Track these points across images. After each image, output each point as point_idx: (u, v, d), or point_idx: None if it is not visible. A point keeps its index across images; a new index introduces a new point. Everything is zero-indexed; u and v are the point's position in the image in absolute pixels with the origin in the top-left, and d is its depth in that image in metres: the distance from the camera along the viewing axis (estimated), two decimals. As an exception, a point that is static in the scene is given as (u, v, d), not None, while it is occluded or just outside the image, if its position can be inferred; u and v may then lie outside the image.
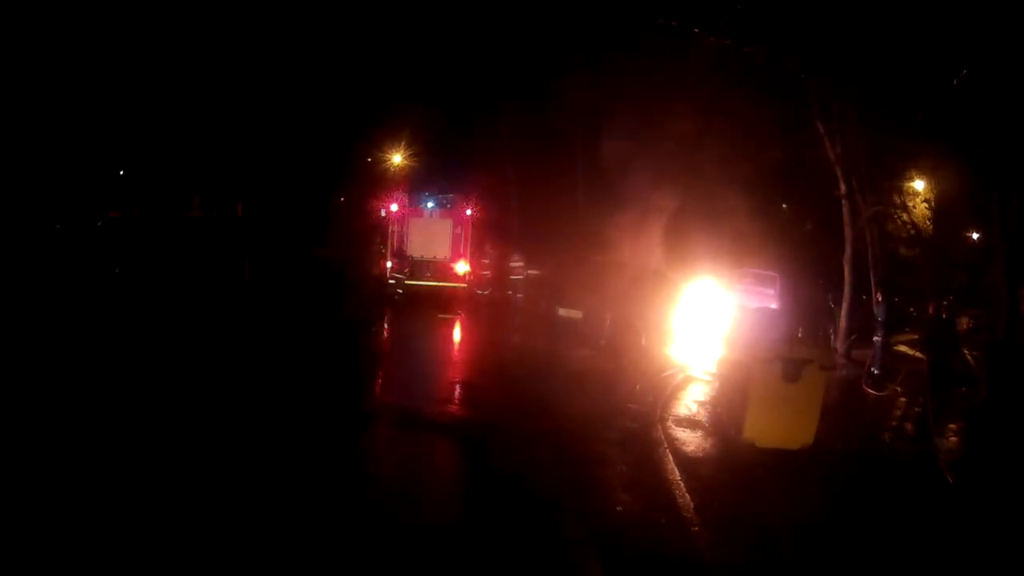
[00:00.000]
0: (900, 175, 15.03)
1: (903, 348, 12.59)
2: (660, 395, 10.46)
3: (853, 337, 14.23)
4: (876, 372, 12.23)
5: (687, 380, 11.89)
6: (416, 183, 22.60)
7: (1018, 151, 9.00)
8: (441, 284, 18.75)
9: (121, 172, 25.81)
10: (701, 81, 15.84)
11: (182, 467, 6.10)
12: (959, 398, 11.05)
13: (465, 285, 19.26)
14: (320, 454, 6.85)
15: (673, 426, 8.98)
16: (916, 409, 10.37)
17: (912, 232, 15.75)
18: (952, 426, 9.90)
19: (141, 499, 5.43)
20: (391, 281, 18.50)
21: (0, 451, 6.15)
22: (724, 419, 9.00)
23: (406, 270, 18.50)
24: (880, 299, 12.57)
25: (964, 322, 12.92)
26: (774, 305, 17.54)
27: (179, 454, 6.41)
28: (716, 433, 8.80)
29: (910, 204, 15.49)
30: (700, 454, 8.07)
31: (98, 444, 6.56)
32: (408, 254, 18.73)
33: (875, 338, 12.29)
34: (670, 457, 7.69)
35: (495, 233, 21.91)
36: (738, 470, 7.50)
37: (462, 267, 19.12)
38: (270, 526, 5.22)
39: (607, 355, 13.01)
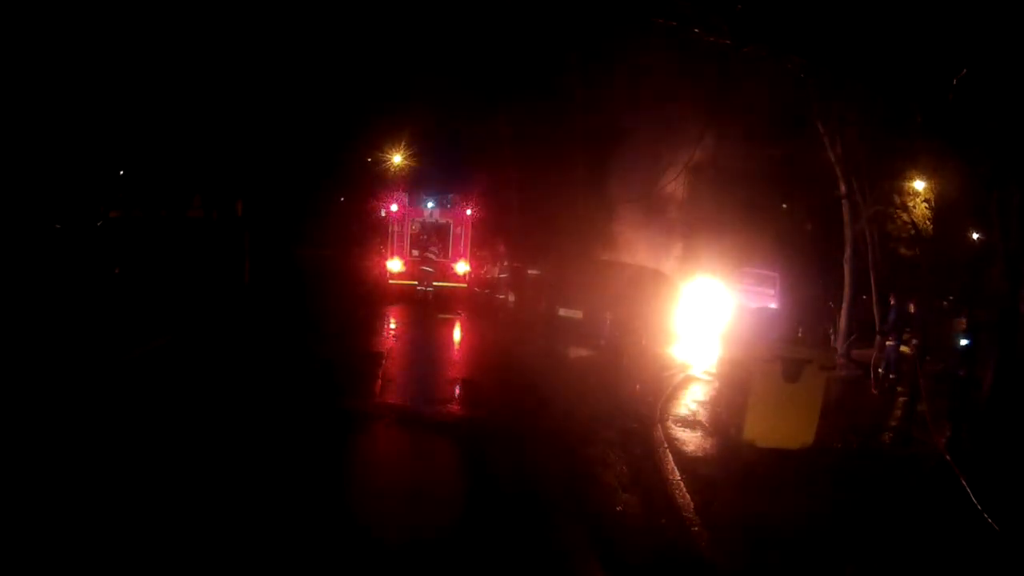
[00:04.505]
0: (900, 175, 15.02)
1: (903, 348, 12.61)
2: (660, 395, 10.46)
3: (853, 337, 14.24)
4: (881, 371, 12.25)
5: (687, 380, 11.89)
6: (416, 183, 22.59)
7: (1018, 151, 8.99)
8: (441, 284, 18.74)
9: (121, 172, 25.78)
10: (701, 81, 15.83)
11: (181, 467, 6.11)
12: (960, 398, 11.04)
13: (465, 285, 19.25)
14: (321, 455, 6.85)
15: (673, 426, 8.98)
16: (916, 409, 10.36)
17: (912, 232, 15.75)
18: (953, 426, 9.89)
19: (138, 500, 5.43)
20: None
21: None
22: (724, 419, 9.00)
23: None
24: (893, 302, 12.61)
25: (962, 323, 12.92)
26: (774, 305, 17.56)
27: (179, 454, 6.41)
28: (716, 433, 8.80)
29: (910, 204, 15.49)
30: (700, 454, 8.08)
31: (98, 447, 6.56)
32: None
33: (888, 342, 12.31)
34: (670, 457, 7.69)
35: (496, 233, 21.90)
36: (738, 470, 7.50)
37: (462, 267, 19.11)
38: (269, 528, 5.22)
39: (607, 355, 13.01)
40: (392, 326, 15.69)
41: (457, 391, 10.35)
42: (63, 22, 18.56)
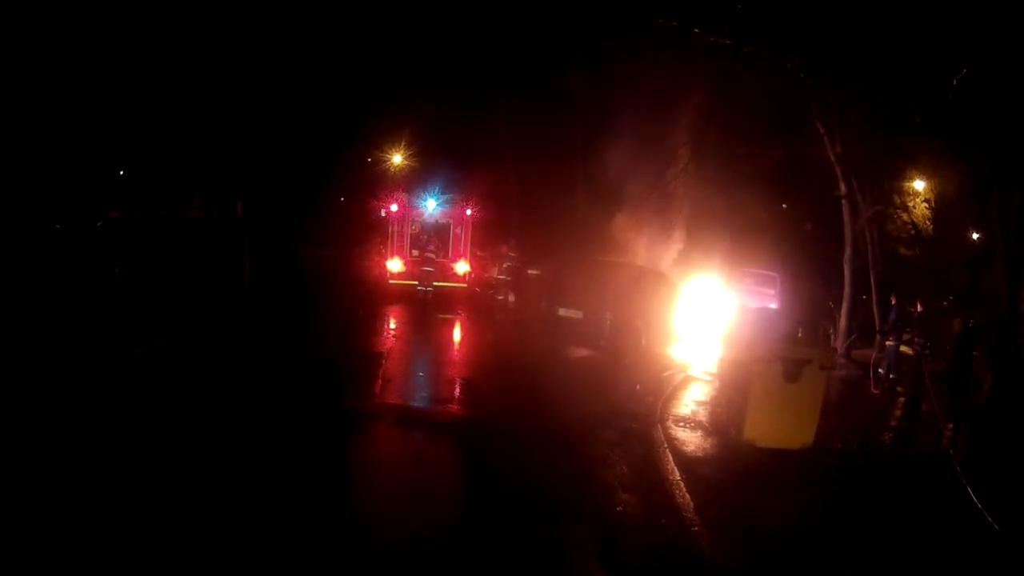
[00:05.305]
0: (900, 175, 15.03)
1: (903, 348, 12.62)
2: (660, 395, 10.47)
3: (853, 337, 14.24)
4: (881, 372, 12.26)
5: (687, 380, 11.90)
6: (416, 183, 22.57)
7: (1018, 151, 8.99)
8: (441, 284, 18.73)
9: (121, 172, 25.80)
10: (701, 81, 15.84)
11: (182, 467, 6.11)
12: (960, 398, 11.05)
13: (465, 285, 19.25)
14: (321, 455, 6.85)
15: (673, 426, 8.98)
16: (916, 409, 10.37)
17: (912, 232, 15.75)
18: (953, 425, 9.90)
19: (138, 500, 5.43)
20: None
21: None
22: (724, 419, 9.01)
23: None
24: (894, 302, 12.63)
25: (958, 323, 12.95)
26: (774, 305, 17.56)
27: (179, 454, 6.41)
28: (716, 433, 8.80)
29: (910, 204, 15.50)
30: (700, 454, 8.08)
31: (98, 447, 6.56)
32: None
33: (888, 342, 12.31)
34: (670, 457, 7.70)
35: (496, 233, 21.90)
36: (738, 470, 7.50)
37: (462, 267, 19.12)
38: (269, 527, 5.22)
39: (607, 355, 13.01)
40: (392, 326, 15.68)
41: (457, 391, 10.35)
42: (64, 22, 18.56)
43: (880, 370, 12.29)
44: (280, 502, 5.61)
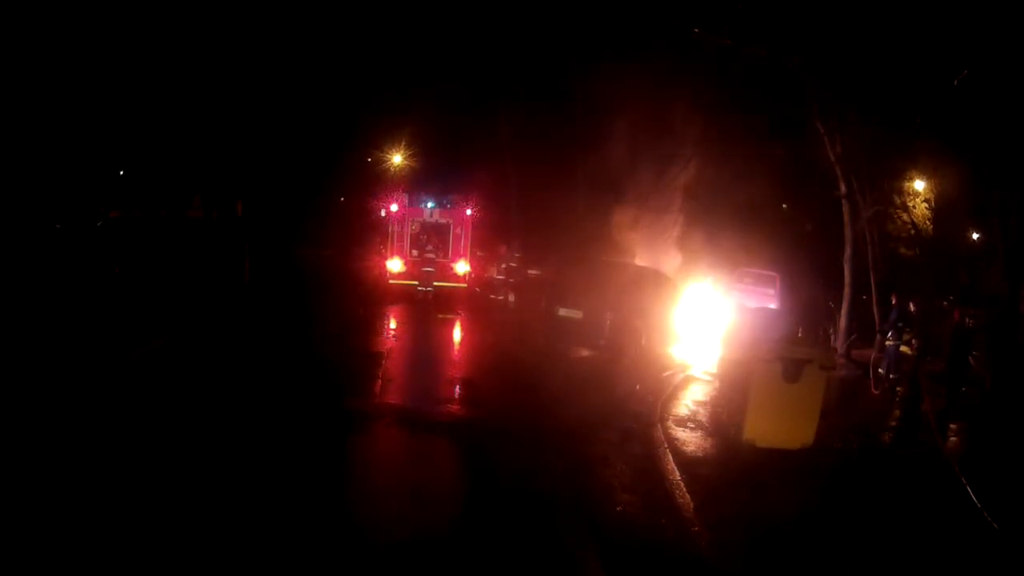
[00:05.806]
0: (900, 175, 15.01)
1: (903, 348, 12.62)
2: (660, 395, 10.47)
3: (853, 337, 14.23)
4: (881, 372, 12.26)
5: (687, 380, 11.90)
6: (416, 183, 22.57)
7: (1018, 151, 9.01)
8: (441, 284, 18.72)
9: (121, 172, 25.80)
10: (702, 81, 15.86)
11: (181, 467, 6.11)
12: (961, 397, 11.06)
13: (465, 285, 19.24)
14: (321, 455, 6.85)
15: (673, 426, 8.99)
16: (915, 409, 10.36)
17: (912, 232, 15.74)
18: (954, 425, 9.91)
19: (139, 501, 5.43)
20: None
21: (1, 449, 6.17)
22: (724, 419, 9.01)
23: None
24: (894, 301, 12.63)
25: (956, 316, 12.96)
26: (774, 305, 17.55)
27: (179, 454, 6.41)
28: (716, 433, 8.80)
29: (910, 204, 15.48)
30: (700, 454, 8.08)
31: (98, 447, 6.56)
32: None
33: (888, 342, 12.32)
34: (670, 457, 7.70)
35: (496, 233, 21.89)
36: (738, 470, 7.51)
37: (462, 267, 19.11)
38: (269, 527, 5.22)
39: (607, 355, 13.01)
40: (392, 326, 15.69)
41: (457, 391, 10.35)
42: (64, 22, 18.56)
43: (880, 370, 12.29)
44: (280, 502, 5.62)
